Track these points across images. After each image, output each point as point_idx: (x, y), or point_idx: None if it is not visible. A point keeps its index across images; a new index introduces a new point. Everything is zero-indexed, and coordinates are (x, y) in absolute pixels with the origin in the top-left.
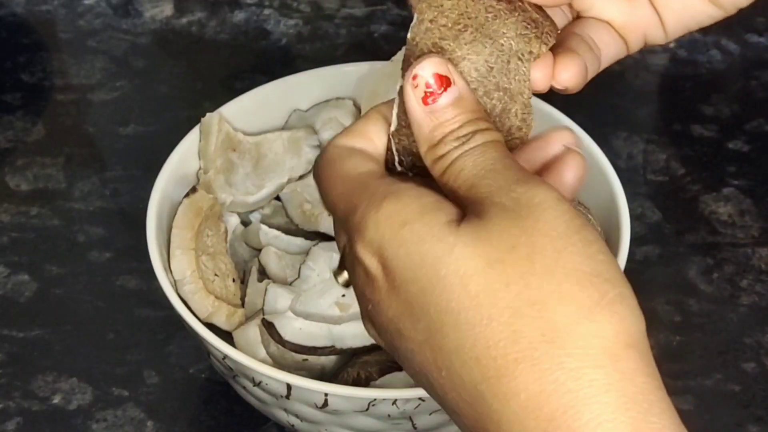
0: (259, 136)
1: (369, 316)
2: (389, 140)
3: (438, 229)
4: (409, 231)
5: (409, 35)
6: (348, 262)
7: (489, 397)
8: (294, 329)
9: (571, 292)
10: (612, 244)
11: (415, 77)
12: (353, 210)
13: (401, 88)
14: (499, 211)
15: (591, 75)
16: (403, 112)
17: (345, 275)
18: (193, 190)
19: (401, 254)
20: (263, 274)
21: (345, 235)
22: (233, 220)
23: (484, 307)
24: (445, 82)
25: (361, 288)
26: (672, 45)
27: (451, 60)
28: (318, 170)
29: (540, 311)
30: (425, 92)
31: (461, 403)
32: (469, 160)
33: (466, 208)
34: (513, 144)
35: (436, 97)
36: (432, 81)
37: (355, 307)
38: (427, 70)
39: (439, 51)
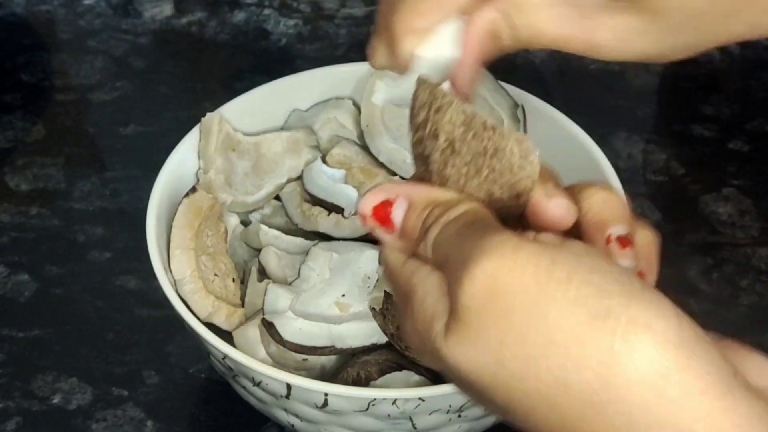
0: (259, 137)
1: (448, 343)
2: None
3: (440, 337)
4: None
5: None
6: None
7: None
8: (294, 329)
9: (580, 356)
10: None
11: (364, 220)
12: (446, 252)
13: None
14: (468, 301)
15: None
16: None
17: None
18: (193, 190)
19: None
20: (263, 274)
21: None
22: (233, 220)
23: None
24: (386, 205)
25: (447, 326)
26: None
27: (440, 108)
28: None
29: (567, 389)
30: (378, 224)
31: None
32: (438, 238)
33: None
34: (522, 185)
35: (390, 222)
36: (376, 215)
37: (356, 307)
38: (368, 208)
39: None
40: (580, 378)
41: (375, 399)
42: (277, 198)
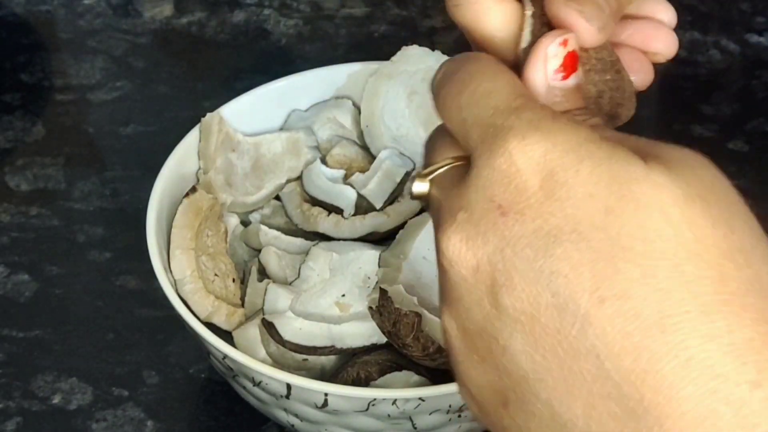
0: (258, 137)
1: (486, 224)
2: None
3: (626, 153)
4: (596, 147)
5: None
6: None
7: (684, 333)
8: (294, 329)
9: None
10: None
11: (565, 42)
12: (514, 111)
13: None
14: (674, 157)
15: None
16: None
17: (425, 186)
18: (193, 190)
19: (584, 168)
20: (263, 274)
21: (472, 131)
22: (233, 221)
23: (687, 240)
24: (576, 63)
25: (489, 189)
26: None
27: None
28: (462, 63)
29: (747, 261)
30: (559, 66)
31: (622, 335)
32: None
33: None
34: (622, 111)
35: (565, 77)
36: (567, 58)
37: (356, 307)
38: (570, 44)
39: None
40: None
41: (375, 399)
42: (277, 198)
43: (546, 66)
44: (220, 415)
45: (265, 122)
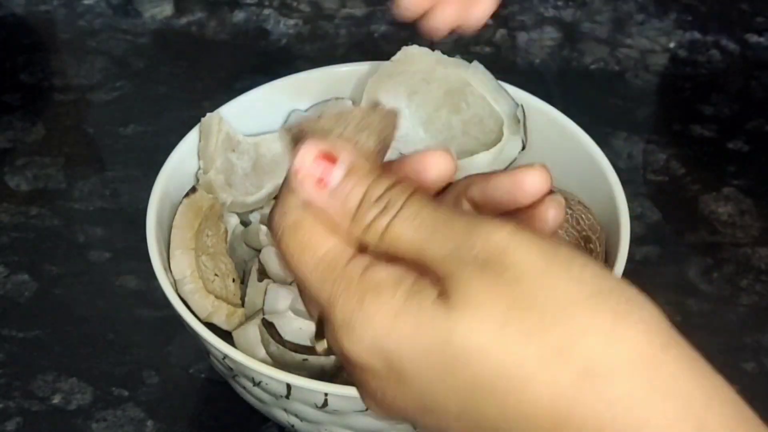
0: (258, 137)
1: (375, 401)
2: None
3: (431, 311)
4: (404, 323)
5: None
6: (332, 346)
7: None
8: (294, 329)
9: (586, 323)
10: (612, 245)
11: (298, 172)
12: (330, 301)
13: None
14: (473, 273)
15: None
16: None
17: (325, 344)
18: (193, 190)
19: (405, 347)
20: (263, 274)
21: (323, 313)
22: (233, 221)
23: (513, 371)
24: (329, 159)
25: (359, 379)
26: (672, 45)
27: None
28: (283, 236)
29: (569, 354)
30: (314, 182)
31: None
32: (404, 224)
33: (428, 273)
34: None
35: (327, 179)
36: (315, 168)
37: None
38: (306, 160)
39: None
40: (583, 345)
41: None
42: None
43: (307, 190)
44: (220, 415)
45: (265, 122)
